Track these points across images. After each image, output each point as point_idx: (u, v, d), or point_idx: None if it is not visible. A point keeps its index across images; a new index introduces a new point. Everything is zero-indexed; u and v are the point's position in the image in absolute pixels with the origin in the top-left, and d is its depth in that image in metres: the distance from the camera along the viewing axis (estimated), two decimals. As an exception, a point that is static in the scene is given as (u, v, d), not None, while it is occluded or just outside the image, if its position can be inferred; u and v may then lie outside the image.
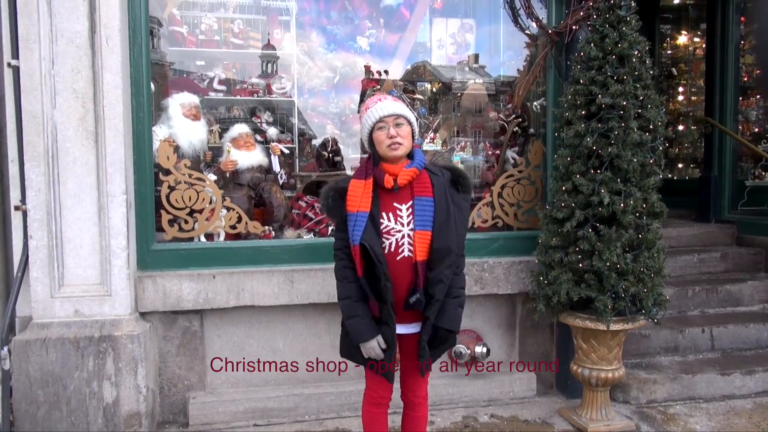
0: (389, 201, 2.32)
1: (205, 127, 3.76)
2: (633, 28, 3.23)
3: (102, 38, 3.09)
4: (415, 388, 2.55)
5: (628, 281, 3.08)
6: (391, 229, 2.29)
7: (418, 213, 2.30)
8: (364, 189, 2.32)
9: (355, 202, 2.30)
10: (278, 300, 3.42)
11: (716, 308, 4.49)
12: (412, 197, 2.32)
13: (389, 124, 2.31)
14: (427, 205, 2.31)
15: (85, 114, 3.11)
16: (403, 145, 2.32)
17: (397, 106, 2.35)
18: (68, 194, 3.11)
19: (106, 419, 3.11)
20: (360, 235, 2.24)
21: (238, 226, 3.52)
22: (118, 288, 3.16)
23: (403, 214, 2.31)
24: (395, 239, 2.29)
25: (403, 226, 2.30)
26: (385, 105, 2.33)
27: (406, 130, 2.34)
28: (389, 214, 2.31)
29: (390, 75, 4.43)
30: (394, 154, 2.32)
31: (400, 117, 2.33)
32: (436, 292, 2.29)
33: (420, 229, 2.28)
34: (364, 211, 2.27)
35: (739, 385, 3.79)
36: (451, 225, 2.31)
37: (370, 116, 2.34)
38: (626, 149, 3.11)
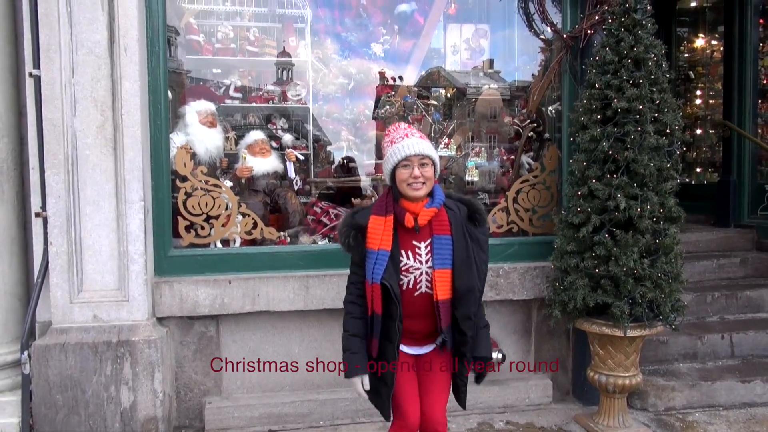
0: (408, 239, 2.32)
1: (221, 134, 3.80)
2: (649, 32, 3.21)
3: (121, 48, 3.15)
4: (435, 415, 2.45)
5: (645, 287, 3.05)
6: (410, 267, 2.30)
7: (437, 252, 2.29)
8: (384, 227, 2.31)
9: (376, 240, 2.29)
10: (294, 305, 3.44)
11: (736, 314, 4.42)
12: (431, 235, 2.32)
13: (414, 164, 2.28)
14: (445, 244, 2.30)
15: (104, 122, 3.16)
16: (426, 186, 2.31)
17: (424, 146, 2.32)
18: (87, 201, 3.16)
19: (124, 423, 3.15)
20: (381, 274, 2.24)
21: (253, 232, 3.55)
22: (135, 293, 3.20)
23: (422, 252, 2.31)
24: (413, 276, 2.30)
25: (422, 264, 2.30)
26: (412, 143, 2.30)
27: (430, 171, 2.32)
28: (408, 252, 2.31)
29: (404, 81, 4.45)
30: (415, 195, 2.29)
31: (426, 157, 2.31)
32: (467, 330, 2.31)
33: (440, 268, 2.27)
34: (385, 250, 2.27)
35: (760, 392, 3.73)
36: (472, 262, 2.31)
37: (396, 153, 2.31)
38: (643, 153, 3.08)
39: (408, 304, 2.30)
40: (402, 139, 2.32)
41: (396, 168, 2.31)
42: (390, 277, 2.24)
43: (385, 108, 4.12)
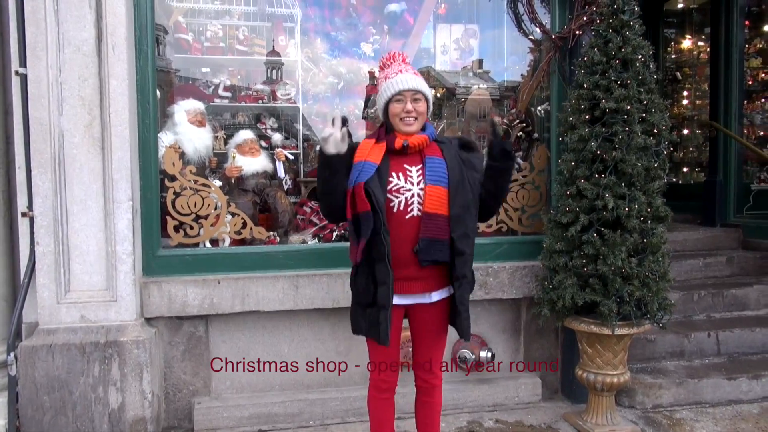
0: (399, 162, 2.35)
1: (211, 133, 3.78)
2: (636, 33, 3.23)
3: (108, 46, 3.12)
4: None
5: (633, 285, 3.08)
6: (400, 188, 2.30)
7: (429, 170, 2.32)
8: (374, 146, 2.35)
9: (363, 154, 2.32)
10: (283, 305, 3.43)
11: (722, 312, 4.47)
12: (422, 160, 2.36)
13: (407, 98, 2.33)
14: (438, 164, 2.34)
15: (91, 121, 3.14)
16: (418, 121, 2.36)
17: (417, 81, 2.37)
18: (74, 201, 3.14)
19: (112, 424, 3.12)
20: (366, 177, 2.24)
21: (243, 232, 3.54)
22: (123, 294, 3.18)
23: (413, 174, 2.33)
24: (404, 198, 2.30)
25: (413, 185, 2.31)
26: (405, 78, 2.34)
27: (422, 106, 2.37)
28: (399, 174, 2.33)
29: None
30: (407, 129, 2.34)
31: (418, 92, 2.35)
32: (466, 248, 2.31)
33: (432, 184, 2.29)
34: (373, 162, 2.29)
35: (746, 389, 3.77)
36: (466, 183, 2.35)
37: (390, 87, 2.35)
38: (630, 153, 3.10)
39: (398, 227, 2.28)
40: (396, 75, 2.36)
41: (389, 102, 2.35)
42: (375, 186, 2.24)
43: (374, 108, 4.12)
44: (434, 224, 2.28)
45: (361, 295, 2.39)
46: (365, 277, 2.35)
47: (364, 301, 2.37)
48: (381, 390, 2.50)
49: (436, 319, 2.47)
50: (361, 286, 2.38)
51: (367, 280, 2.35)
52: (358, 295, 2.43)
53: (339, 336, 3.55)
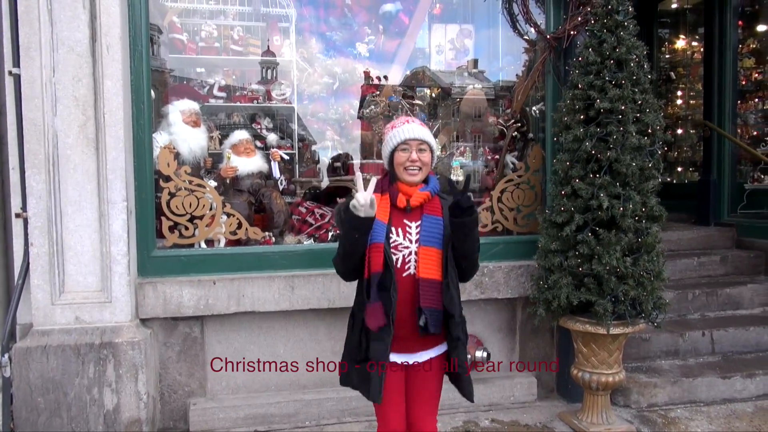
0: (400, 218, 2.34)
1: (205, 133, 3.77)
2: (631, 33, 3.25)
3: (102, 46, 3.11)
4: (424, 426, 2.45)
5: (627, 285, 3.09)
6: (399, 245, 2.30)
7: (424, 229, 2.30)
8: (380, 202, 2.34)
9: None
10: (279, 306, 3.43)
11: (716, 311, 4.50)
12: (422, 216, 2.33)
13: (412, 148, 2.32)
14: (434, 223, 2.32)
15: (85, 121, 3.13)
16: (422, 171, 2.34)
17: (424, 132, 2.37)
18: (69, 201, 3.12)
19: (107, 426, 3.11)
20: (382, 237, 2.25)
21: (238, 232, 3.53)
22: (118, 294, 3.17)
23: (412, 231, 2.32)
24: (402, 255, 2.29)
25: (411, 243, 2.30)
26: (412, 128, 2.35)
27: (427, 157, 2.36)
28: (398, 230, 2.32)
29: (389, 81, 4.45)
30: (411, 179, 2.33)
31: (424, 143, 2.35)
32: (454, 310, 2.29)
33: (425, 245, 2.28)
34: (382, 221, 2.29)
35: (740, 388, 3.79)
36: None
37: (396, 136, 2.35)
38: (625, 153, 3.12)
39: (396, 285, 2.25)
40: (402, 125, 2.37)
41: (395, 151, 2.35)
42: (386, 245, 2.24)
43: (370, 108, 4.12)
44: (432, 291, 2.27)
45: (353, 351, 2.37)
46: (359, 333, 2.34)
47: (357, 356, 2.35)
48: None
49: (432, 377, 2.44)
50: (354, 342, 2.37)
51: (360, 336, 2.34)
52: (350, 350, 2.41)
53: (335, 336, 3.55)
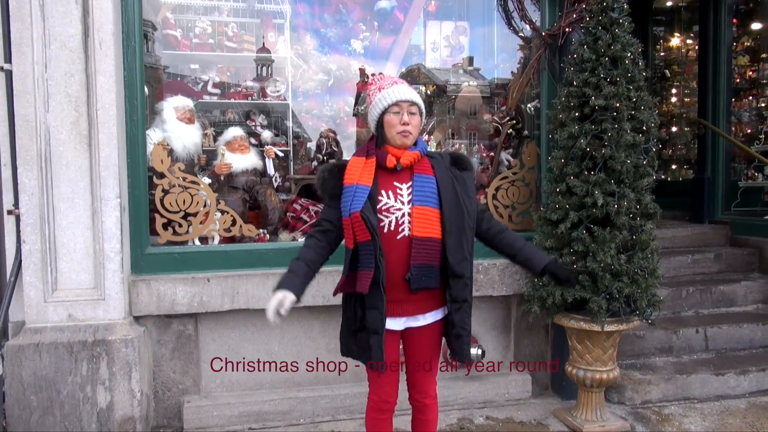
0: (389, 180, 2.28)
1: (199, 130, 3.75)
2: (626, 30, 3.24)
3: (95, 42, 3.09)
4: (424, 388, 2.47)
5: (622, 282, 3.09)
6: (390, 207, 2.24)
7: (417, 189, 2.25)
8: (365, 165, 2.28)
9: (354, 176, 2.26)
10: (273, 303, 3.41)
11: (710, 309, 4.51)
12: (412, 177, 2.29)
13: (404, 110, 2.26)
14: (427, 182, 2.27)
15: (78, 118, 3.10)
16: (413, 135, 2.30)
17: (414, 94, 2.31)
18: (61, 198, 3.10)
19: (100, 424, 3.10)
20: (360, 205, 2.19)
21: (232, 230, 3.52)
22: (111, 292, 3.15)
23: (403, 192, 2.26)
24: (395, 217, 2.23)
25: (404, 204, 2.24)
26: (402, 90, 2.28)
27: (417, 120, 2.31)
28: (388, 192, 2.26)
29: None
30: (404, 142, 2.27)
31: (414, 105, 2.29)
32: (464, 271, 2.26)
33: (419, 204, 2.23)
34: (365, 185, 2.23)
35: (734, 385, 3.80)
36: (461, 202, 2.28)
37: (386, 97, 2.27)
38: (619, 151, 3.12)
39: (389, 249, 2.21)
40: (391, 86, 2.30)
41: (384, 113, 2.28)
42: (368, 210, 2.18)
43: (364, 105, 4.11)
44: (425, 249, 2.22)
45: (349, 320, 2.36)
46: (353, 303, 2.32)
47: (354, 326, 2.33)
48: (381, 411, 2.46)
49: (429, 342, 2.41)
50: (350, 311, 2.35)
51: (354, 305, 2.31)
52: (347, 320, 2.39)
53: (329, 333, 3.54)
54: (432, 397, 2.51)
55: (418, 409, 2.54)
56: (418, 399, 2.51)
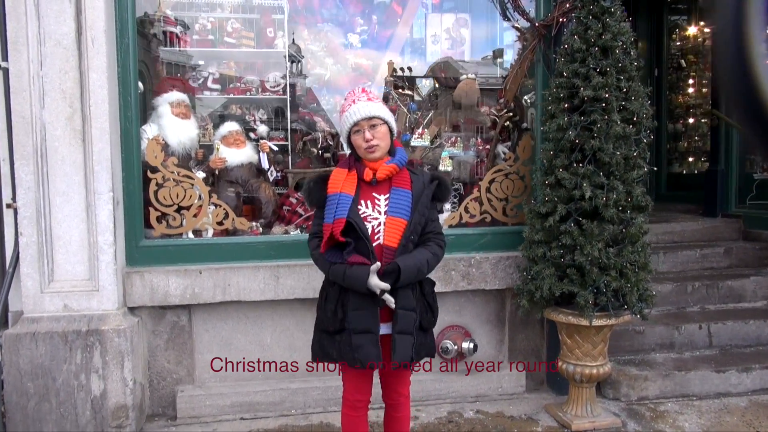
0: (369, 191, 2.37)
1: (195, 125, 3.81)
2: (618, 19, 3.18)
3: (88, 39, 3.16)
4: (398, 387, 2.52)
5: (609, 276, 3.04)
6: (368, 216, 2.32)
7: (393, 201, 2.33)
8: (347, 177, 2.37)
9: (337, 185, 2.33)
10: (264, 295, 3.46)
11: (717, 304, 4.40)
12: (390, 189, 2.36)
13: (364, 128, 2.32)
14: (403, 195, 2.34)
15: (72, 114, 3.19)
16: (380, 146, 2.35)
17: (370, 107, 2.34)
18: (57, 192, 3.20)
19: (94, 411, 3.19)
20: (346, 211, 2.25)
21: (225, 223, 3.57)
22: (105, 283, 3.24)
23: (381, 203, 2.35)
24: (371, 226, 2.31)
25: (380, 213, 2.33)
26: (357, 108, 2.34)
27: (382, 130, 2.35)
28: (367, 201, 2.35)
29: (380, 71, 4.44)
30: (371, 157, 2.36)
31: (373, 118, 2.33)
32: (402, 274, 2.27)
33: (393, 216, 2.30)
34: (348, 194, 2.31)
35: (735, 382, 3.71)
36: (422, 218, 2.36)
37: (345, 121, 2.38)
38: (609, 142, 3.06)
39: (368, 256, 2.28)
40: (350, 106, 2.37)
41: (350, 135, 2.38)
42: (356, 216, 2.26)
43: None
44: (390, 259, 2.28)
45: (328, 322, 2.36)
46: (334, 303, 2.34)
47: (332, 327, 2.34)
48: (356, 409, 2.49)
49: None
50: (329, 312, 2.35)
51: (336, 306, 2.34)
52: (324, 322, 2.39)
53: (321, 326, 3.57)
54: (405, 395, 2.56)
55: (391, 407, 2.58)
56: (391, 397, 2.55)
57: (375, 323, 2.30)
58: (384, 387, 2.56)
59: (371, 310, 2.29)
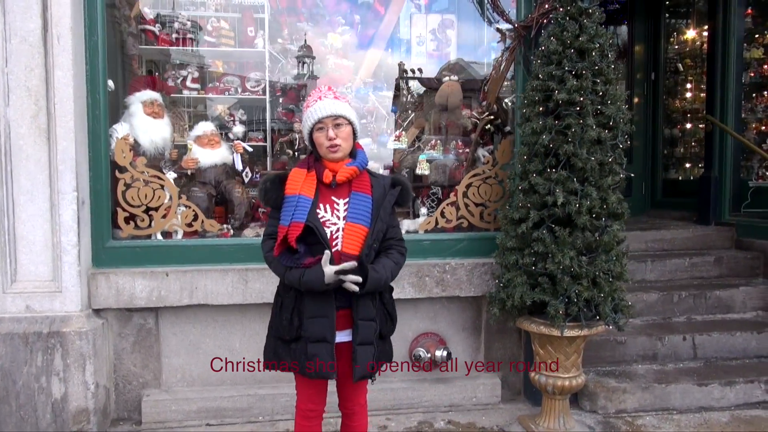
0: (328, 194, 2.29)
1: (169, 125, 3.74)
2: (595, 21, 3.08)
3: (53, 37, 3.12)
4: (354, 397, 2.46)
5: (581, 285, 2.94)
6: (326, 220, 2.24)
7: (352, 206, 2.26)
8: (307, 178, 2.29)
9: (295, 187, 2.26)
10: (232, 299, 3.39)
11: (704, 315, 4.28)
12: (350, 193, 2.29)
13: (328, 126, 2.26)
14: (363, 201, 2.27)
15: (38, 112, 3.14)
16: (342, 147, 2.28)
17: (336, 106, 2.29)
18: (21, 191, 3.15)
19: (55, 414, 3.14)
20: (304, 216, 2.18)
21: (194, 224, 3.51)
22: (68, 284, 3.18)
23: (340, 207, 2.28)
24: (330, 231, 2.24)
25: (339, 219, 2.26)
26: (323, 105, 2.28)
27: (346, 131, 2.29)
28: (326, 206, 2.27)
29: (360, 73, 4.37)
30: (332, 157, 2.29)
31: (339, 117, 2.28)
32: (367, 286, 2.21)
33: (351, 221, 2.23)
34: (307, 196, 2.23)
35: (718, 396, 3.59)
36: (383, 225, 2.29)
37: (309, 117, 2.30)
38: (583, 147, 2.96)
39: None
40: (315, 102, 2.31)
41: (312, 132, 2.30)
42: (315, 220, 2.19)
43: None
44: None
45: (284, 330, 2.29)
46: (290, 311, 2.27)
47: (288, 336, 2.28)
48: (309, 419, 2.42)
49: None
50: (285, 320, 2.28)
51: (292, 314, 2.27)
52: (279, 330, 2.32)
53: (290, 331, 3.50)
54: (361, 405, 2.49)
55: (347, 416, 2.52)
56: (347, 407, 2.49)
57: (331, 332, 2.23)
58: (340, 396, 2.49)
59: (327, 318, 2.22)
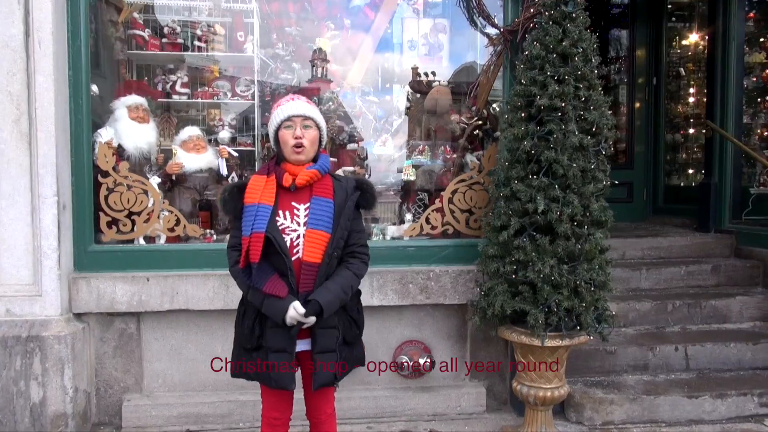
0: (288, 200, 2.26)
1: (155, 129, 3.75)
2: (578, 25, 3.03)
3: (35, 41, 3.13)
4: (320, 406, 2.43)
5: (561, 295, 2.88)
6: (286, 228, 2.21)
7: (313, 211, 2.22)
8: (266, 184, 2.26)
9: (255, 195, 2.23)
10: (213, 304, 3.38)
11: (699, 325, 4.19)
12: (311, 198, 2.25)
13: (297, 124, 2.24)
14: (324, 206, 2.23)
15: (19, 116, 3.16)
16: (306, 149, 2.26)
17: (309, 108, 2.30)
18: (2, 195, 3.16)
19: (33, 418, 3.14)
20: (264, 225, 2.15)
21: (176, 229, 3.50)
22: (48, 288, 3.19)
23: (300, 213, 2.24)
24: (290, 238, 2.20)
25: (299, 225, 2.22)
26: (296, 104, 2.28)
27: (312, 134, 2.28)
28: (286, 212, 2.23)
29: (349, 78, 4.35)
30: (296, 158, 2.25)
31: (309, 119, 2.27)
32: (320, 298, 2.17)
33: (312, 228, 2.20)
34: (267, 204, 2.20)
35: (709, 409, 3.50)
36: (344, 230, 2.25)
37: (279, 113, 2.28)
38: (565, 153, 2.91)
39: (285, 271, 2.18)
40: (287, 102, 2.29)
41: (279, 129, 2.27)
42: (274, 230, 2.16)
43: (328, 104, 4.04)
44: (311, 275, 2.18)
45: (245, 339, 2.28)
46: (252, 320, 2.26)
47: (249, 345, 2.26)
48: (273, 426, 2.40)
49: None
50: (247, 329, 2.26)
51: (253, 323, 2.25)
52: (241, 338, 2.31)
53: (272, 337, 3.47)
54: (329, 413, 2.46)
55: (314, 425, 2.49)
56: (314, 415, 2.47)
57: (291, 343, 2.21)
58: (307, 405, 2.46)
59: (287, 329, 2.19)
